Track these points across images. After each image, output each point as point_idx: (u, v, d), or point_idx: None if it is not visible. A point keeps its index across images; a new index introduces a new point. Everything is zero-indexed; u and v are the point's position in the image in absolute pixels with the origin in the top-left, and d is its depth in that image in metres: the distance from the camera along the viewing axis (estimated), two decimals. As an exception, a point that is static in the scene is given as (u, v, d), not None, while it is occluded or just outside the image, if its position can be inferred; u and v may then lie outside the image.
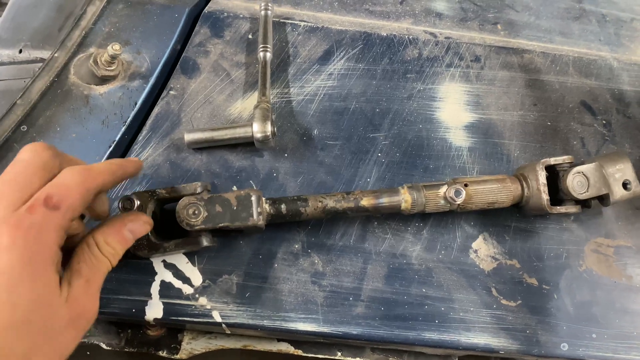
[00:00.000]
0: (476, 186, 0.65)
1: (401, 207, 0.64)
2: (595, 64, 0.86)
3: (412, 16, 0.89)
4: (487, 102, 0.79)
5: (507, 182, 0.66)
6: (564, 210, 0.65)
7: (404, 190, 0.64)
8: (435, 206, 0.64)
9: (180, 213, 0.59)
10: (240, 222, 0.60)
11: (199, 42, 0.80)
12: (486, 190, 0.65)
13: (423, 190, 0.64)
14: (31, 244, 0.41)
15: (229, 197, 0.60)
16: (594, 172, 0.65)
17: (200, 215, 0.59)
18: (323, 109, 0.76)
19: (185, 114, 0.73)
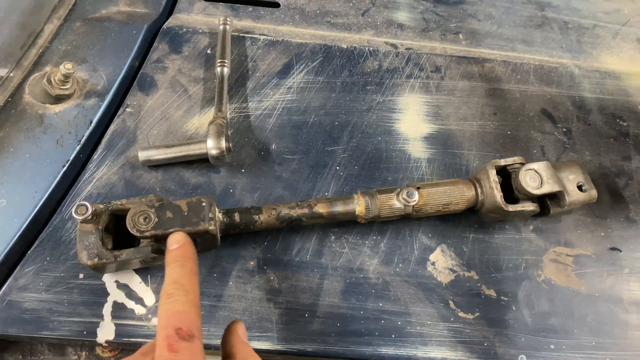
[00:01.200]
0: (429, 188, 0.64)
1: (356, 212, 0.64)
2: (556, 72, 0.86)
3: (373, 27, 0.89)
4: (447, 113, 0.79)
5: (460, 185, 0.65)
6: (520, 207, 0.64)
7: (358, 196, 0.64)
8: (389, 210, 0.64)
9: (131, 220, 0.58)
10: (191, 227, 0.58)
11: (156, 58, 0.80)
12: (440, 191, 0.64)
13: (377, 195, 0.64)
14: None
15: (180, 204, 0.60)
16: (546, 169, 0.65)
17: (151, 222, 0.58)
18: (281, 123, 0.76)
19: (141, 131, 0.73)
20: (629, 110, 0.83)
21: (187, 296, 0.46)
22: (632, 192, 0.75)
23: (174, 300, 0.46)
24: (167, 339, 0.42)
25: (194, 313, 0.45)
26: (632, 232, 0.72)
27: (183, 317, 0.44)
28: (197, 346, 0.43)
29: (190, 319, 0.44)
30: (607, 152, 0.78)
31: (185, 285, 0.47)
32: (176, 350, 0.41)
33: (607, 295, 0.67)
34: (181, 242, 0.53)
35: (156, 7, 0.87)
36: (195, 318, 0.45)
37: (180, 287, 0.47)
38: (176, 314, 0.44)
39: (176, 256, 0.51)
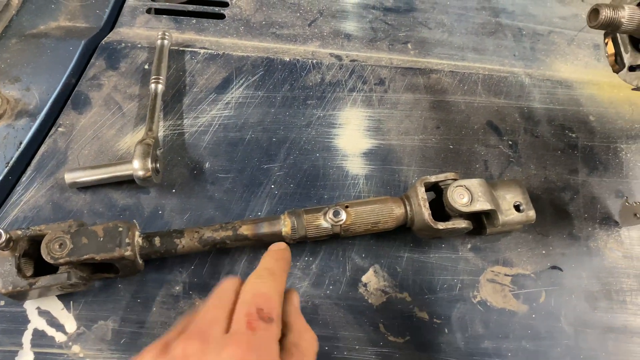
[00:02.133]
0: (358, 207, 0.63)
1: (282, 232, 0.62)
2: (505, 82, 0.83)
3: (320, 38, 0.87)
4: (388, 127, 0.77)
5: (389, 202, 0.64)
6: (450, 225, 0.62)
7: (285, 216, 0.63)
8: (316, 230, 0.63)
9: (46, 246, 0.57)
10: (106, 252, 0.57)
11: (93, 75, 0.78)
12: (368, 210, 0.63)
13: (303, 214, 0.62)
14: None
15: (96, 229, 0.58)
16: (478, 186, 0.63)
17: (66, 248, 0.57)
18: (217, 140, 0.74)
19: (72, 152, 0.72)
20: (579, 121, 0.81)
21: (275, 283, 0.46)
22: (576, 208, 0.73)
23: (262, 282, 0.46)
24: (248, 316, 0.42)
25: (277, 301, 0.45)
26: (575, 250, 0.70)
27: (267, 299, 0.44)
28: (274, 331, 0.42)
29: (273, 304, 0.44)
30: (554, 165, 0.76)
31: (276, 275, 0.48)
32: (254, 328, 0.41)
33: (544, 316, 0.65)
34: (283, 247, 0.54)
35: (97, 22, 0.85)
36: (278, 305, 0.44)
37: (270, 273, 0.48)
38: (261, 295, 0.44)
39: (273, 252, 0.53)
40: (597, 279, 0.68)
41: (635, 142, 0.79)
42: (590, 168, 0.76)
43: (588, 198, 0.74)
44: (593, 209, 0.73)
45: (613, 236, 0.71)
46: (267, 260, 0.51)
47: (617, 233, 0.71)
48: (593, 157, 0.77)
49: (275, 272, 0.48)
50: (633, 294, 0.67)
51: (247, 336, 0.40)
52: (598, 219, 0.72)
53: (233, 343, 0.40)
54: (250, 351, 0.39)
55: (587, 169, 0.76)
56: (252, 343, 0.40)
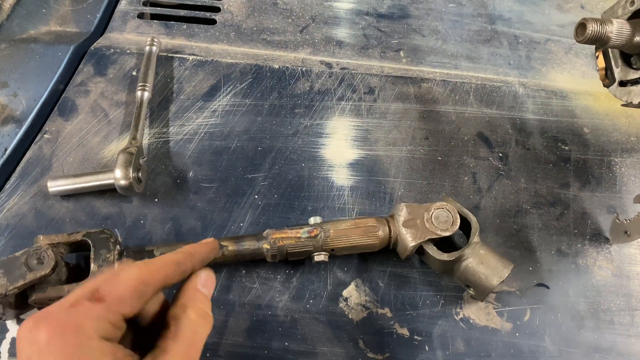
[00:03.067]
0: (338, 229, 0.62)
1: (263, 253, 0.62)
2: (498, 92, 0.82)
3: (311, 45, 0.86)
4: (376, 137, 0.76)
5: (372, 224, 0.63)
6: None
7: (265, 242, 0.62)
8: (298, 253, 0.62)
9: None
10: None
11: (80, 81, 0.78)
12: (349, 232, 0.62)
13: (283, 239, 0.62)
14: (70, 339, 0.39)
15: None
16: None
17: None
18: (202, 148, 0.74)
19: (57, 159, 0.71)
20: (573, 133, 0.79)
21: (139, 272, 0.43)
22: (566, 223, 0.71)
23: (130, 266, 0.43)
24: (78, 294, 0.41)
25: (127, 287, 0.42)
26: (562, 267, 0.68)
27: (111, 283, 0.42)
28: (95, 311, 0.40)
29: (117, 288, 0.42)
30: (545, 179, 0.74)
31: (150, 264, 0.44)
32: (74, 305, 0.40)
33: (528, 335, 0.64)
34: (204, 242, 0.53)
35: (88, 27, 0.85)
36: (124, 290, 0.42)
37: (146, 263, 0.44)
38: (111, 278, 0.42)
39: (189, 247, 0.50)
40: (584, 298, 0.66)
41: (630, 155, 0.77)
42: (582, 182, 0.74)
43: (579, 213, 0.72)
44: (583, 224, 0.71)
45: (603, 253, 0.69)
46: (169, 254, 0.48)
47: (608, 250, 0.69)
48: (586, 170, 0.75)
49: (152, 262, 0.45)
50: (621, 313, 0.66)
51: (61, 313, 0.40)
52: (588, 235, 0.70)
53: (45, 319, 0.39)
54: (55, 327, 0.39)
55: (579, 183, 0.74)
56: (61, 319, 0.39)
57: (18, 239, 0.65)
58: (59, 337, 0.39)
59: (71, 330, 0.39)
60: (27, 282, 0.56)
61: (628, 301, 0.66)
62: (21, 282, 0.55)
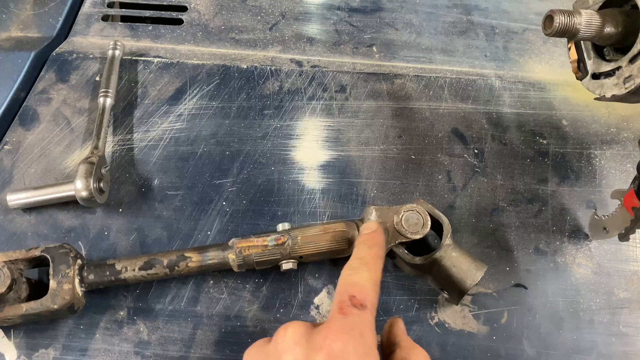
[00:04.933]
0: (307, 234, 0.60)
1: (229, 264, 0.60)
2: (474, 85, 0.79)
3: (281, 43, 0.83)
4: (348, 137, 0.74)
5: (342, 228, 0.61)
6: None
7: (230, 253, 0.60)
8: (267, 262, 0.60)
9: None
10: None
11: (42, 88, 0.76)
12: (318, 237, 0.60)
13: (250, 248, 0.60)
14: (360, 346, 0.41)
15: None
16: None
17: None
18: (167, 155, 0.71)
19: (17, 171, 0.69)
20: (551, 126, 0.76)
21: (369, 273, 0.47)
22: (544, 220, 0.69)
23: (355, 273, 0.47)
24: (339, 304, 0.44)
25: (371, 289, 0.46)
26: (541, 266, 0.66)
27: (359, 288, 0.45)
28: (367, 316, 0.43)
29: (366, 291, 0.45)
30: (522, 174, 0.72)
31: (369, 264, 0.49)
32: (346, 313, 0.43)
33: (506, 338, 0.62)
34: (373, 229, 0.55)
35: (50, 31, 0.83)
36: (372, 293, 0.45)
37: (363, 263, 0.49)
38: (353, 284, 0.46)
39: (366, 239, 0.53)
40: (563, 297, 0.65)
41: (610, 147, 0.75)
42: (561, 177, 0.72)
43: (557, 209, 0.70)
44: (562, 221, 0.69)
45: (582, 250, 0.67)
46: (359, 249, 0.52)
47: (587, 247, 0.68)
48: (564, 164, 0.73)
49: (368, 261, 0.49)
50: (601, 312, 0.64)
51: (338, 320, 0.42)
52: (567, 232, 0.68)
53: (324, 328, 0.42)
54: (343, 332, 0.41)
55: (558, 178, 0.72)
56: (344, 325, 0.41)
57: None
58: (352, 345, 0.40)
59: (359, 337, 0.41)
60: None
61: (608, 299, 0.65)
62: None
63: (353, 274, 0.47)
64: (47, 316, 0.57)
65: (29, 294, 0.59)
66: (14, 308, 0.56)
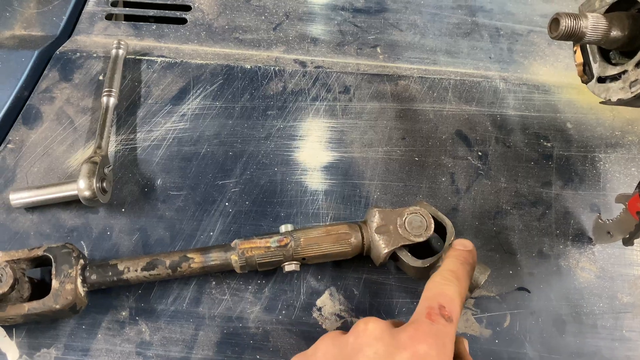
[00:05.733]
0: (309, 237, 0.60)
1: (232, 266, 0.60)
2: (478, 87, 0.79)
3: (284, 43, 0.83)
4: (351, 139, 0.73)
5: (344, 230, 0.60)
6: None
7: (232, 254, 0.60)
8: (268, 264, 0.60)
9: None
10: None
11: (45, 87, 0.76)
12: (320, 239, 0.60)
13: (252, 249, 0.59)
14: (443, 355, 0.41)
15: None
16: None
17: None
18: (170, 155, 0.71)
19: (20, 170, 0.69)
20: (555, 129, 0.76)
21: (459, 287, 0.48)
22: (548, 224, 0.69)
23: (446, 284, 0.47)
24: (428, 309, 0.44)
25: (459, 304, 0.46)
26: (544, 269, 0.66)
27: (449, 300, 0.45)
28: (452, 329, 0.43)
29: (455, 305, 0.45)
30: (526, 177, 0.72)
31: (460, 279, 0.49)
32: (434, 320, 0.43)
33: (508, 342, 0.62)
34: (469, 248, 0.55)
35: (54, 30, 0.82)
36: (458, 309, 0.45)
37: (455, 277, 0.48)
38: (444, 295, 0.46)
39: (459, 255, 0.53)
40: (566, 301, 0.64)
41: (614, 150, 0.74)
42: (565, 180, 0.72)
43: (561, 213, 0.70)
44: (566, 224, 0.69)
45: (586, 254, 0.67)
46: (452, 262, 0.51)
47: (591, 251, 0.67)
48: (568, 168, 0.73)
49: (460, 277, 0.49)
50: (605, 317, 0.63)
51: (426, 324, 0.42)
52: (571, 235, 0.68)
53: (410, 328, 0.42)
54: (429, 336, 0.41)
55: (562, 181, 0.72)
56: (430, 331, 0.41)
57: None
58: (435, 351, 0.40)
59: (443, 346, 0.41)
60: None
61: (611, 303, 0.64)
62: None
63: (445, 285, 0.47)
64: (49, 316, 0.57)
65: (31, 293, 0.59)
66: (16, 307, 0.55)
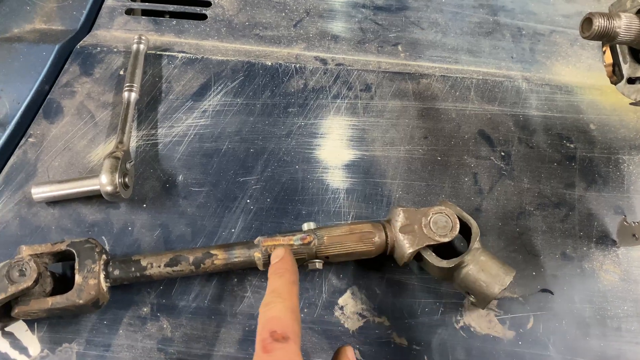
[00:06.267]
0: (332, 235, 0.59)
1: (255, 262, 0.59)
2: (501, 87, 0.78)
3: (305, 40, 0.83)
4: (373, 137, 0.73)
5: (368, 229, 0.60)
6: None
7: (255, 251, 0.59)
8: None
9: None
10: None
11: (66, 81, 0.75)
12: (343, 239, 0.59)
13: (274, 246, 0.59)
14: None
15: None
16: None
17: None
18: (192, 151, 0.71)
19: (42, 164, 0.69)
20: (578, 130, 0.75)
21: (284, 303, 0.48)
22: (571, 225, 0.68)
23: (270, 308, 0.47)
24: (262, 343, 0.44)
25: (290, 318, 0.46)
26: (567, 271, 0.65)
27: (277, 322, 0.45)
28: (292, 347, 0.43)
29: (285, 322, 0.45)
30: (549, 178, 0.71)
31: (282, 294, 0.49)
32: (269, 350, 0.43)
33: (531, 344, 0.61)
34: (281, 256, 0.55)
35: (74, 24, 0.82)
36: (291, 322, 0.46)
37: (277, 295, 0.49)
38: (271, 319, 0.46)
39: (276, 269, 0.53)
40: (590, 304, 0.64)
41: (639, 152, 0.74)
42: (588, 182, 0.71)
43: (584, 215, 0.69)
44: (589, 226, 0.68)
45: (610, 257, 0.66)
46: (271, 281, 0.52)
47: (615, 253, 0.67)
48: (592, 169, 0.72)
49: (281, 292, 0.49)
50: (629, 320, 0.63)
51: (264, 359, 0.42)
52: (594, 237, 0.67)
53: None
54: None
55: (585, 183, 0.71)
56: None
57: (1, 248, 0.63)
58: None
59: None
60: (8, 296, 0.54)
61: (636, 307, 0.64)
62: (2, 295, 0.53)
63: (269, 309, 0.47)
64: (72, 311, 0.57)
65: (53, 287, 0.59)
66: (39, 302, 0.55)
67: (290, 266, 0.54)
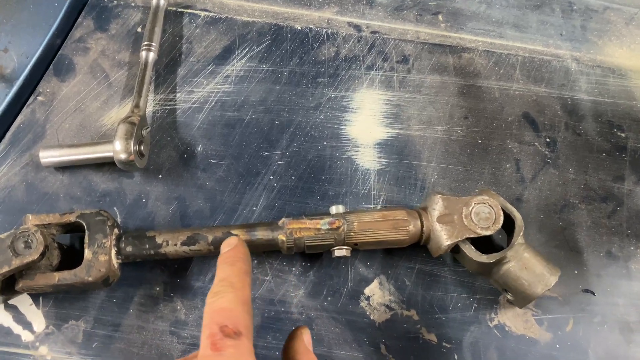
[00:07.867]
0: (363, 224, 0.54)
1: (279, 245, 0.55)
2: (548, 66, 0.72)
3: (338, 4, 0.76)
4: (408, 114, 0.67)
5: (401, 217, 0.55)
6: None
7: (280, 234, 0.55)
8: (318, 247, 0.55)
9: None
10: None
11: (79, 36, 0.70)
12: (375, 226, 0.55)
13: (301, 230, 0.54)
14: None
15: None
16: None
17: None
18: (212, 119, 0.66)
19: (51, 125, 0.64)
20: (631, 118, 0.69)
21: (235, 293, 0.42)
22: (618, 222, 0.63)
23: (219, 297, 0.42)
24: (210, 337, 0.38)
25: (242, 310, 0.41)
26: (612, 271, 0.61)
27: (228, 314, 0.40)
28: (244, 344, 0.38)
29: (236, 315, 0.40)
30: (596, 170, 0.66)
31: (234, 283, 0.43)
32: (220, 348, 0.37)
33: (570, 348, 0.57)
34: (233, 245, 0.49)
35: (89, -27, 0.76)
36: (244, 315, 0.40)
37: (228, 285, 0.43)
38: (221, 311, 0.40)
39: (227, 257, 0.48)
40: (635, 308, 0.59)
41: (695, 146, 0.68)
42: (639, 175, 0.66)
43: (633, 211, 0.64)
44: (638, 224, 0.63)
45: (659, 258, 0.61)
46: (221, 270, 0.46)
47: (664, 255, 0.62)
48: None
49: (233, 281, 0.44)
50: (676, 327, 0.58)
51: (213, 358, 0.36)
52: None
53: None
54: None
55: (636, 176, 0.66)
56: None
57: (6, 214, 0.59)
58: None
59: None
60: (12, 269, 0.49)
61: (684, 314, 0.59)
62: (6, 268, 0.49)
63: (217, 300, 0.41)
64: (79, 287, 0.53)
65: (60, 260, 0.55)
66: (45, 277, 0.51)
67: (243, 254, 0.48)
